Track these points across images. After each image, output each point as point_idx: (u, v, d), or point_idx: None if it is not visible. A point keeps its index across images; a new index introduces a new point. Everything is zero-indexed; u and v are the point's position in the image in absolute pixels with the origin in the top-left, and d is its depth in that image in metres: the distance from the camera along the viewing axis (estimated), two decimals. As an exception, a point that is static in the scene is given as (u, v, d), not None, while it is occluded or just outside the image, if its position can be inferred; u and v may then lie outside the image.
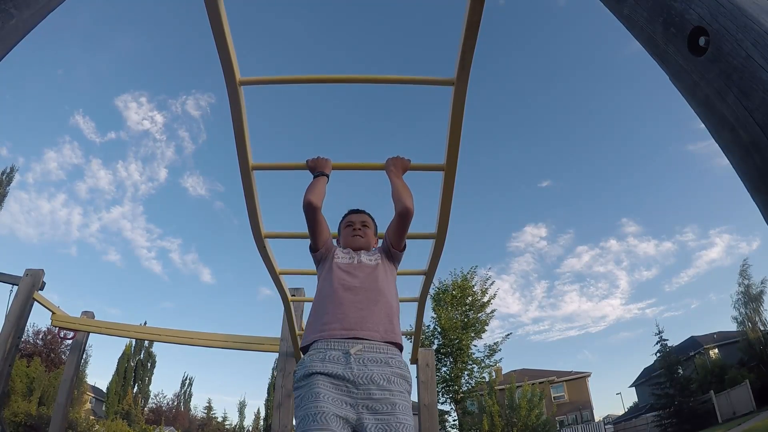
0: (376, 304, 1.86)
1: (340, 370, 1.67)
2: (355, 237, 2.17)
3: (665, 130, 45.90)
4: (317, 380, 1.65)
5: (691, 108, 1.07)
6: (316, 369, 1.68)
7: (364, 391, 1.64)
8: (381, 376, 1.68)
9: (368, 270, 1.99)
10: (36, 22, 1.19)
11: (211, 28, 1.86)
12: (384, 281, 1.98)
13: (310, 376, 1.67)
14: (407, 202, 2.06)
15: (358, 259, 2.04)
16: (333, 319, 1.80)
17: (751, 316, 22.77)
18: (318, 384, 1.64)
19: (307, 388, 1.65)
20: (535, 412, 19.28)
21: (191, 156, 49.09)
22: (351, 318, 1.79)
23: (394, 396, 1.66)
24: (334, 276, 1.95)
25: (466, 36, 1.90)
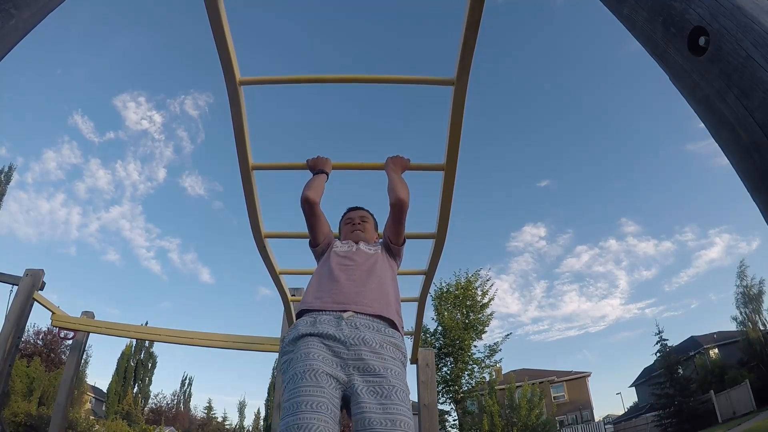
0: (371, 282, 1.81)
1: (332, 330, 1.60)
2: (355, 232, 2.18)
3: (665, 130, 46.00)
4: (307, 341, 1.57)
5: (691, 108, 1.07)
6: (306, 331, 1.61)
7: (354, 353, 1.55)
8: (373, 339, 1.60)
9: (366, 256, 1.98)
10: (36, 22, 1.19)
11: (211, 28, 1.85)
12: (382, 267, 1.94)
13: (300, 338, 1.60)
14: (401, 193, 2.03)
15: (356, 248, 2.04)
16: (326, 294, 1.76)
17: (751, 317, 22.77)
18: (308, 344, 1.56)
19: (297, 350, 1.57)
20: (535, 412, 19.28)
21: (190, 156, 49.17)
22: (345, 292, 1.74)
23: (386, 361, 1.57)
24: (331, 260, 1.94)
25: (466, 36, 1.89)
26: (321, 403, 1.43)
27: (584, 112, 46.45)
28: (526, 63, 46.45)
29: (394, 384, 1.51)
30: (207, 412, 37.55)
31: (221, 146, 44.72)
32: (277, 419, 4.89)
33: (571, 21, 46.17)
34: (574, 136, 46.66)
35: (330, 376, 1.50)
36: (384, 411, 1.44)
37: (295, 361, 1.55)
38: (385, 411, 1.44)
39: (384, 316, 1.72)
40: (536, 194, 46.96)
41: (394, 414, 1.44)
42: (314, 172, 2.25)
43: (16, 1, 1.10)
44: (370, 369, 1.53)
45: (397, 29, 48.47)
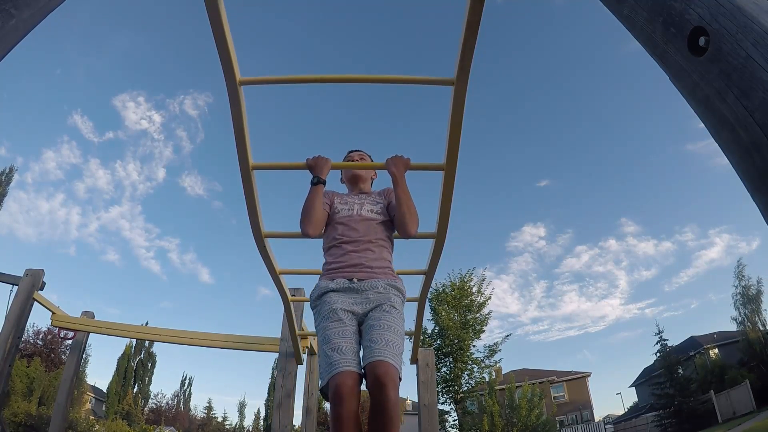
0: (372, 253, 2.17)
1: (347, 285, 2.06)
2: (355, 178, 2.48)
3: (664, 130, 46.01)
4: (329, 295, 2.05)
5: (691, 108, 1.07)
6: (328, 288, 2.07)
7: (364, 300, 2.03)
8: (378, 287, 2.06)
9: (365, 225, 2.23)
10: (36, 22, 1.19)
11: (211, 28, 1.85)
12: (380, 235, 2.24)
13: (324, 294, 2.06)
14: (410, 229, 2.17)
15: (357, 211, 2.28)
16: (336, 267, 2.14)
17: (750, 317, 22.77)
18: (330, 296, 2.04)
19: (321, 302, 2.05)
20: (535, 412, 19.29)
21: (189, 155, 49.20)
22: (352, 262, 2.12)
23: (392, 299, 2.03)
24: (336, 230, 2.23)
25: (466, 36, 1.89)
26: (344, 331, 1.91)
27: (584, 112, 46.51)
28: (525, 63, 46.50)
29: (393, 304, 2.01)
30: (207, 412, 37.59)
31: (221, 146, 44.79)
32: (278, 419, 4.89)
33: (570, 21, 46.21)
34: (573, 136, 46.71)
35: (346, 311, 1.98)
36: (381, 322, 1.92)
37: (321, 307, 2.03)
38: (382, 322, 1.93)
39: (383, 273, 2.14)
40: (536, 194, 47.03)
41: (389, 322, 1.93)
42: (312, 180, 2.25)
43: (16, 1, 1.10)
44: (375, 301, 2.02)
45: (397, 29, 48.49)
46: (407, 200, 2.19)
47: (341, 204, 2.32)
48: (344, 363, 1.80)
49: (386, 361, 1.78)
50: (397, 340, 1.89)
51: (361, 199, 2.35)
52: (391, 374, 1.76)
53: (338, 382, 1.76)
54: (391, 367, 1.78)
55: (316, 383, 6.11)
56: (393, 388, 1.75)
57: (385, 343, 1.84)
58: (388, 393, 1.73)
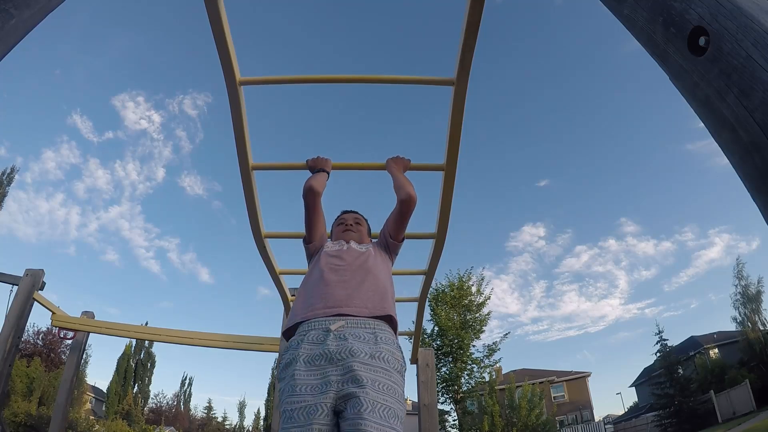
0: (363, 282, 1.75)
1: (318, 349, 1.55)
2: (347, 232, 2.14)
3: (664, 129, 45.97)
4: (295, 370, 1.54)
5: (691, 108, 1.07)
6: (293, 356, 1.58)
7: (342, 368, 1.49)
8: (362, 350, 1.53)
9: (357, 254, 1.92)
10: (36, 22, 1.19)
11: (211, 28, 1.86)
12: (374, 264, 1.89)
13: (289, 365, 1.58)
14: (410, 189, 2.09)
15: (347, 246, 1.99)
16: (317, 300, 1.69)
17: (750, 316, 22.77)
18: (295, 375, 1.53)
19: (286, 381, 1.56)
20: (535, 412, 19.30)
21: (189, 155, 49.16)
22: (336, 296, 1.68)
23: (376, 372, 1.50)
24: (322, 261, 1.89)
25: (466, 36, 1.90)
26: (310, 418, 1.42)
27: (583, 112, 46.51)
28: (525, 62, 46.50)
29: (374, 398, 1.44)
30: (207, 412, 37.59)
31: (220, 146, 44.72)
32: (278, 419, 4.89)
33: (569, 20, 46.22)
34: (573, 136, 46.69)
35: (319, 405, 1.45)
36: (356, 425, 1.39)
37: (285, 394, 1.54)
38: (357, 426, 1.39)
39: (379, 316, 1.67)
40: (535, 194, 46.99)
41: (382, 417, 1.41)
42: (314, 171, 2.26)
43: (16, 1, 1.10)
44: (357, 380, 1.46)
45: (397, 29, 48.51)
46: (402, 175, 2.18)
47: (332, 243, 2.07)
48: None
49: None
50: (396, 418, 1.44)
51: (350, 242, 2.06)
52: None
53: None
54: None
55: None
56: None
57: None
58: None
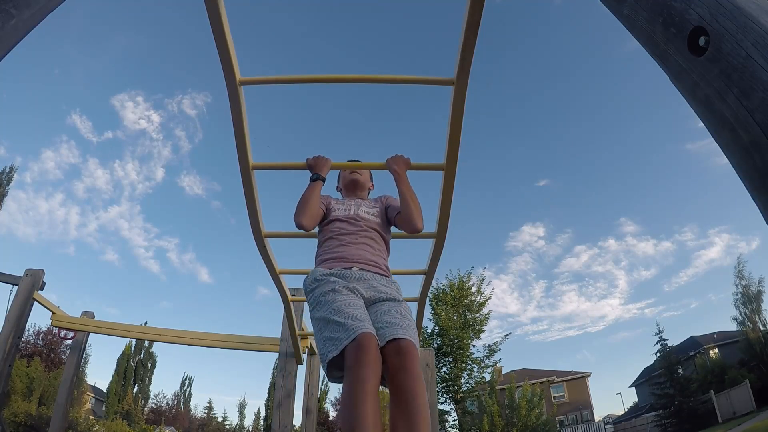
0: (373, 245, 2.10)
1: (347, 274, 1.92)
2: (353, 173, 2.44)
3: (663, 129, 45.97)
4: (329, 277, 1.88)
5: (691, 108, 1.07)
6: (325, 272, 1.91)
7: (368, 287, 1.89)
8: (381, 279, 1.96)
9: (365, 222, 2.18)
10: (36, 22, 1.19)
11: (211, 28, 1.85)
12: (378, 232, 2.19)
13: (322, 277, 1.90)
14: (418, 223, 2.13)
15: (355, 210, 2.22)
16: (333, 257, 2.03)
17: (751, 316, 22.77)
18: (330, 278, 1.87)
19: (322, 284, 1.87)
20: (535, 412, 19.29)
21: (188, 155, 49.10)
22: (350, 255, 2.01)
23: (395, 291, 1.95)
24: (334, 225, 2.16)
25: (466, 36, 1.89)
26: (355, 303, 1.74)
27: (583, 112, 46.49)
28: (524, 62, 46.48)
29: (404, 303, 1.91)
30: (207, 412, 37.59)
31: (219, 146, 44.66)
32: (278, 419, 4.89)
33: (569, 20, 46.22)
34: (572, 136, 46.66)
35: (356, 291, 1.83)
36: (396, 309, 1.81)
37: (322, 287, 1.84)
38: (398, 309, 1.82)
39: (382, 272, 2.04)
40: (535, 194, 46.96)
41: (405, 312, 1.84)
42: (312, 176, 2.25)
43: (16, 1, 1.10)
44: (386, 292, 1.89)
45: (397, 29, 48.49)
46: (411, 195, 2.18)
47: (338, 205, 2.28)
48: (365, 327, 1.59)
49: (410, 339, 1.65)
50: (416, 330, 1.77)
51: (358, 203, 2.30)
52: (414, 351, 1.61)
53: (362, 342, 1.52)
54: (413, 344, 1.64)
55: (316, 383, 6.11)
56: (418, 364, 1.60)
57: (406, 326, 1.70)
58: (414, 363, 1.57)
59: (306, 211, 2.11)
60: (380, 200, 2.39)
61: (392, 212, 2.27)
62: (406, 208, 2.15)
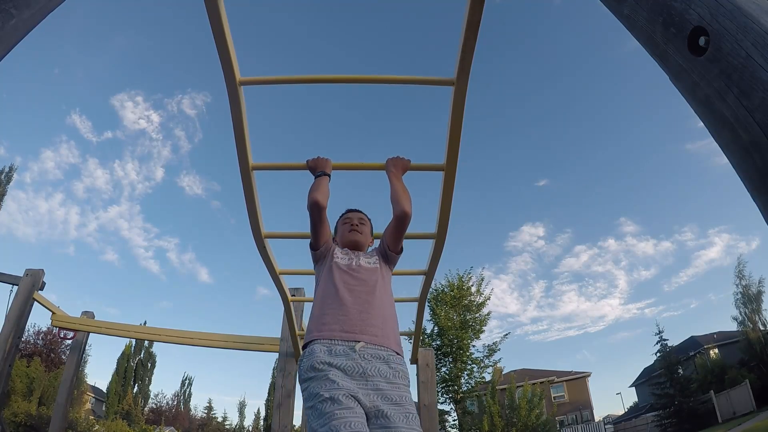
0: (375, 308, 1.88)
1: (349, 362, 1.67)
2: (353, 232, 2.22)
3: (663, 129, 45.98)
4: (328, 369, 1.64)
5: (691, 108, 1.07)
6: (324, 360, 1.67)
7: (373, 384, 1.65)
8: (386, 371, 1.71)
9: (367, 273, 2.01)
10: (36, 22, 1.19)
11: (211, 28, 1.86)
12: (382, 287, 2.00)
13: (321, 366, 1.66)
14: (405, 205, 2.08)
15: (356, 262, 2.05)
16: (334, 320, 1.81)
17: (751, 316, 22.77)
18: (330, 372, 1.63)
19: (319, 377, 1.63)
20: (535, 412, 19.29)
21: (187, 155, 49.15)
22: (352, 320, 1.80)
23: (400, 389, 1.70)
24: (335, 277, 1.97)
25: (466, 36, 1.89)
26: (355, 423, 1.50)
27: (582, 111, 46.50)
28: (523, 61, 46.50)
29: (412, 411, 1.66)
30: (207, 412, 37.60)
31: (219, 146, 44.70)
32: (278, 419, 4.89)
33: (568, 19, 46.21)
34: (572, 135, 46.67)
35: (356, 399, 1.58)
36: None
37: (320, 385, 1.60)
38: None
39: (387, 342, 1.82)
40: (534, 194, 46.96)
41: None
42: (315, 174, 2.24)
43: (16, 1, 1.10)
44: (389, 398, 1.64)
45: (397, 29, 48.50)
46: (399, 184, 2.16)
47: (341, 253, 2.11)
48: None
49: None
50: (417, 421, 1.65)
51: (358, 255, 2.12)
52: None
53: None
54: None
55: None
56: None
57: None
58: None
59: (319, 190, 2.08)
60: (376, 249, 2.24)
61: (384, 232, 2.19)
62: (396, 194, 2.11)
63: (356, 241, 2.19)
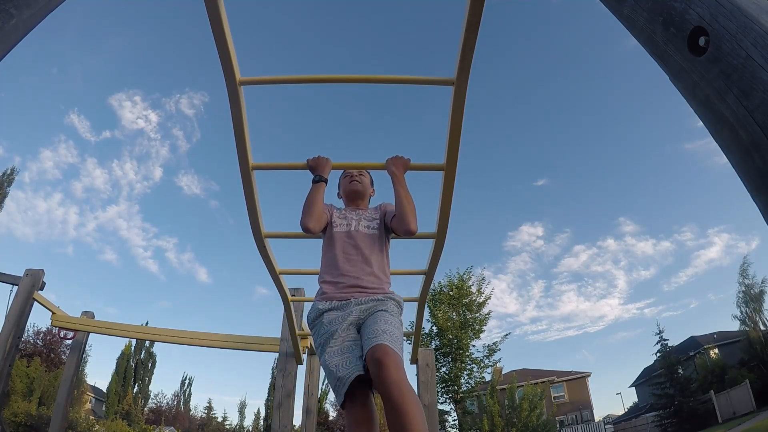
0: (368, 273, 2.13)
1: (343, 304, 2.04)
2: (353, 182, 2.44)
3: (662, 128, 45.95)
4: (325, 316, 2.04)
5: (691, 108, 1.07)
6: (324, 308, 2.05)
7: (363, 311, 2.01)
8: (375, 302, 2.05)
9: (364, 241, 2.21)
10: (36, 22, 1.19)
11: (211, 28, 1.86)
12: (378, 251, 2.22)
13: (320, 316, 2.05)
14: (411, 224, 2.14)
15: (355, 226, 2.24)
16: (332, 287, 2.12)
17: (752, 315, 22.78)
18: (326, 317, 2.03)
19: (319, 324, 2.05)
20: (535, 412, 19.30)
21: (186, 155, 49.04)
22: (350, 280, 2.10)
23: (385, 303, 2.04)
24: (335, 245, 2.20)
25: (466, 36, 1.89)
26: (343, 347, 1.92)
27: (581, 111, 46.40)
28: (522, 61, 46.47)
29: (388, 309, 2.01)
30: (207, 412, 37.59)
31: (217, 145, 44.61)
32: (278, 419, 4.89)
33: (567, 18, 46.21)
34: (571, 135, 46.58)
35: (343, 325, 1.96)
36: (377, 319, 1.93)
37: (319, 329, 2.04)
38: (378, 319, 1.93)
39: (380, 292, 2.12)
40: (533, 193, 46.91)
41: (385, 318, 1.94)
42: (314, 178, 2.26)
43: (16, 1, 1.10)
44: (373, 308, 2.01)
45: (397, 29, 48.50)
46: (407, 196, 2.20)
47: (339, 218, 2.29)
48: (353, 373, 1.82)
49: (382, 343, 1.77)
50: (394, 331, 1.87)
51: (359, 215, 2.30)
52: (389, 353, 1.72)
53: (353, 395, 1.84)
54: (387, 347, 1.75)
55: (316, 383, 6.12)
56: (394, 367, 1.68)
57: (381, 331, 1.84)
58: (389, 371, 1.66)
59: (312, 213, 2.15)
60: (380, 208, 2.39)
61: (389, 217, 2.27)
62: (401, 210, 2.16)
63: (356, 190, 2.42)
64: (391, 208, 2.32)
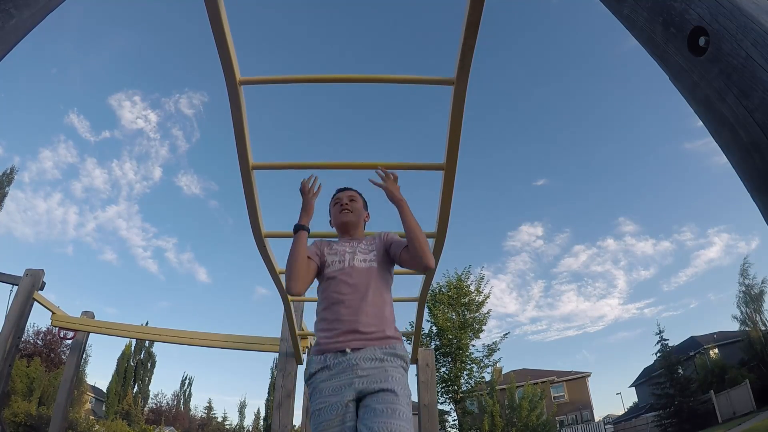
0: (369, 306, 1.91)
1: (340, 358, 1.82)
2: (344, 212, 2.18)
3: (662, 128, 45.96)
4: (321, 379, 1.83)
5: (691, 108, 1.07)
6: (319, 367, 1.85)
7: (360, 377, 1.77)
8: (374, 355, 1.82)
9: (360, 276, 1.98)
10: (36, 22, 1.19)
11: (211, 28, 1.86)
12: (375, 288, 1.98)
13: (315, 374, 1.87)
14: (431, 260, 1.95)
15: (350, 261, 2.01)
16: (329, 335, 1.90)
17: (752, 315, 22.77)
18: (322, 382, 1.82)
19: (314, 384, 1.86)
20: (535, 412, 19.30)
21: (185, 155, 49.15)
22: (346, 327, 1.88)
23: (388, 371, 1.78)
24: (329, 290, 1.98)
25: (466, 36, 1.90)
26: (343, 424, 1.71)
27: (581, 110, 46.49)
28: (522, 60, 46.50)
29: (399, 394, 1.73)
30: (207, 412, 37.61)
31: (217, 145, 44.70)
32: (278, 419, 4.89)
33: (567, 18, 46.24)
34: (570, 135, 46.64)
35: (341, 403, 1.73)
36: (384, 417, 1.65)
37: (314, 393, 1.85)
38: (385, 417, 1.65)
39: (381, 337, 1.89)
40: (533, 193, 46.95)
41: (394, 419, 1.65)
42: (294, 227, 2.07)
43: (16, 1, 1.10)
44: (376, 382, 1.75)
45: (397, 29, 48.51)
46: (416, 228, 1.97)
47: (332, 255, 2.06)
48: None
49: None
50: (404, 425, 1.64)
51: (353, 247, 2.07)
52: None
53: None
54: None
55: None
56: None
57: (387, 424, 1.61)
58: None
59: (296, 276, 1.94)
60: (379, 238, 2.14)
61: (396, 249, 2.05)
62: (416, 246, 1.94)
63: (347, 222, 2.17)
64: (397, 238, 2.11)
